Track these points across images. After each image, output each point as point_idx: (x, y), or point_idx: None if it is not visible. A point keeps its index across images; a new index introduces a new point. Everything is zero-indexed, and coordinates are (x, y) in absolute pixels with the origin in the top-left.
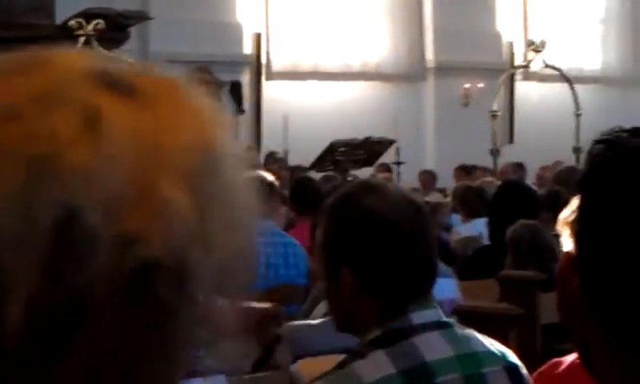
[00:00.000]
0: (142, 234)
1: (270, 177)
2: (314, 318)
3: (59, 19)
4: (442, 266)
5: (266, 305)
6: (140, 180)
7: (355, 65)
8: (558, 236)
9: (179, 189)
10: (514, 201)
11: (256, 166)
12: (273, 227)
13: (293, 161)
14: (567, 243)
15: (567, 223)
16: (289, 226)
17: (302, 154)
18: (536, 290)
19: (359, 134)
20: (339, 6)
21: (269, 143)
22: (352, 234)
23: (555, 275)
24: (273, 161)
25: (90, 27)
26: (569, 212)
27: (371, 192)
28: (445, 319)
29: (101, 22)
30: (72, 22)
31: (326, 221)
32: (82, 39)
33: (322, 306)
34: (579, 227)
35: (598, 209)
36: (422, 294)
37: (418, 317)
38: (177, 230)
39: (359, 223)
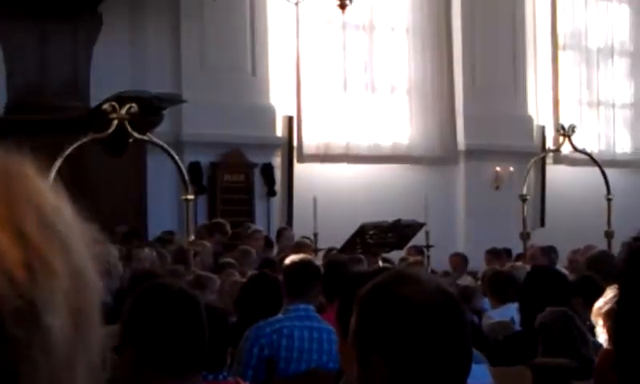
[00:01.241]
0: None
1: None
2: None
3: (94, 102)
4: (474, 352)
5: None
6: None
7: (386, 147)
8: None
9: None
10: (544, 286)
11: (289, 248)
12: (310, 311)
13: (323, 243)
14: (601, 334)
15: (601, 314)
16: (320, 311)
17: (332, 237)
18: (569, 377)
19: (389, 217)
20: (370, 89)
21: (299, 225)
22: (385, 324)
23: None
24: (300, 247)
25: (124, 111)
26: (602, 302)
27: (405, 282)
28: None
29: (134, 106)
30: (105, 106)
31: (359, 309)
32: (115, 122)
33: None
34: (616, 324)
35: (634, 306)
36: (456, 383)
37: None
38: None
39: (392, 313)
